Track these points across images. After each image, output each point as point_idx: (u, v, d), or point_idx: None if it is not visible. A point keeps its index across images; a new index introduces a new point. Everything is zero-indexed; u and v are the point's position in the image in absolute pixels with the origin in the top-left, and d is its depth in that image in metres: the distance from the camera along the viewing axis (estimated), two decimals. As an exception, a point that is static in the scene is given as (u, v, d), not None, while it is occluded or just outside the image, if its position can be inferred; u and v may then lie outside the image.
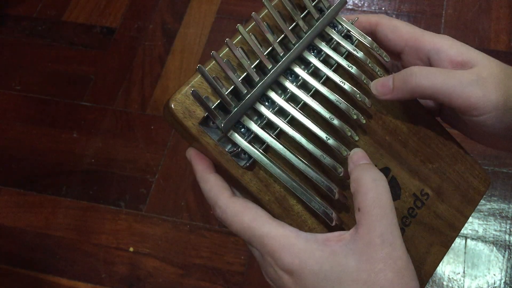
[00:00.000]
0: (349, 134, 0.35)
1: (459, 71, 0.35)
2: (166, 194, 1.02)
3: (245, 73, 0.34)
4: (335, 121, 0.35)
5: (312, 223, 0.35)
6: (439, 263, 0.39)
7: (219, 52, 0.35)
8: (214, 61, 0.34)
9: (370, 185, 0.31)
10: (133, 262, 0.96)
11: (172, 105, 0.33)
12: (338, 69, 0.38)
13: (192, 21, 1.23)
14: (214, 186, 0.35)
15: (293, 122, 0.35)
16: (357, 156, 0.34)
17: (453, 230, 0.40)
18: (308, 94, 0.36)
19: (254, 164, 0.34)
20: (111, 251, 0.97)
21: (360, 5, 1.22)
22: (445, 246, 0.40)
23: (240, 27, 0.34)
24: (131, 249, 0.97)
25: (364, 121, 0.37)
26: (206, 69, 0.34)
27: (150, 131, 1.10)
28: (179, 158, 1.05)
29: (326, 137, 0.35)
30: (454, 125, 0.41)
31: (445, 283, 0.88)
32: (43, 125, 1.14)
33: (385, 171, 0.38)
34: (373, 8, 1.21)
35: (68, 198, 1.04)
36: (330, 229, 0.35)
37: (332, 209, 0.34)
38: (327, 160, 0.34)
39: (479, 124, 0.35)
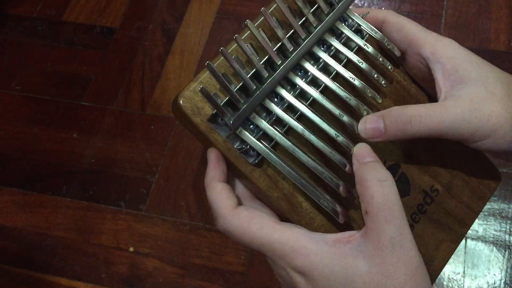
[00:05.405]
0: (357, 131, 0.35)
1: (451, 106, 0.34)
2: (166, 194, 1.02)
3: (254, 69, 0.34)
4: (345, 118, 0.35)
5: (321, 220, 0.35)
6: (449, 259, 0.39)
7: (228, 47, 0.35)
8: (222, 57, 0.34)
9: (375, 187, 0.31)
10: (133, 262, 0.96)
11: (181, 102, 0.33)
12: (348, 64, 0.37)
13: (192, 21, 1.23)
14: (219, 196, 0.34)
15: (303, 119, 0.35)
16: (361, 153, 0.33)
17: (463, 226, 0.40)
18: (317, 90, 0.36)
19: (262, 160, 0.34)
20: (111, 251, 0.97)
21: (360, 5, 1.22)
22: (455, 242, 0.39)
23: (249, 22, 0.34)
24: (131, 249, 0.97)
25: None
26: (215, 65, 0.33)
27: (150, 131, 1.10)
28: (179, 158, 1.05)
29: (335, 134, 0.34)
30: None
31: (445, 283, 0.88)
32: (43, 125, 1.13)
33: (395, 167, 0.38)
34: (373, 8, 1.21)
35: (68, 198, 1.04)
36: (339, 226, 0.35)
37: (341, 207, 0.34)
38: (336, 157, 0.34)
39: (478, 147, 0.35)
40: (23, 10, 1.30)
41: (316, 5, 0.37)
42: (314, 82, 0.37)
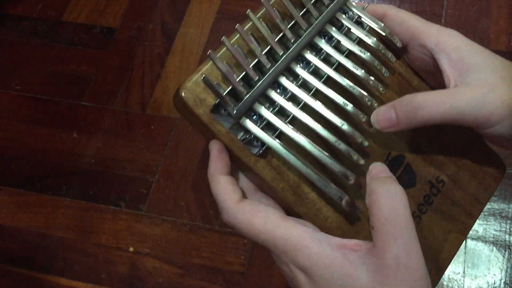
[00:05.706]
0: (363, 120, 0.35)
1: (463, 92, 0.34)
2: (166, 194, 1.02)
3: (256, 60, 0.34)
4: (349, 107, 0.34)
5: (327, 211, 0.35)
6: (457, 250, 0.39)
7: (230, 38, 0.34)
8: (224, 48, 0.33)
9: (384, 201, 0.30)
10: (133, 262, 0.96)
11: (183, 93, 0.32)
12: (350, 55, 0.37)
13: (192, 21, 1.23)
14: (222, 189, 0.34)
15: (306, 109, 0.34)
16: (376, 170, 0.33)
17: (470, 217, 0.39)
18: (320, 80, 0.35)
19: (266, 151, 0.34)
20: (111, 251, 0.97)
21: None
22: (463, 233, 0.39)
23: (250, 13, 0.33)
24: (131, 249, 0.97)
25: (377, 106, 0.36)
26: (217, 56, 0.33)
27: (150, 131, 1.10)
28: (179, 158, 1.05)
29: (340, 122, 0.34)
30: None
31: (445, 283, 0.88)
32: (43, 125, 1.13)
33: (400, 158, 0.38)
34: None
35: (68, 198, 1.04)
36: (346, 217, 0.35)
37: (347, 195, 0.33)
38: (342, 146, 0.33)
39: (491, 133, 0.35)
40: (23, 10, 1.30)
41: None
42: (316, 73, 0.36)
